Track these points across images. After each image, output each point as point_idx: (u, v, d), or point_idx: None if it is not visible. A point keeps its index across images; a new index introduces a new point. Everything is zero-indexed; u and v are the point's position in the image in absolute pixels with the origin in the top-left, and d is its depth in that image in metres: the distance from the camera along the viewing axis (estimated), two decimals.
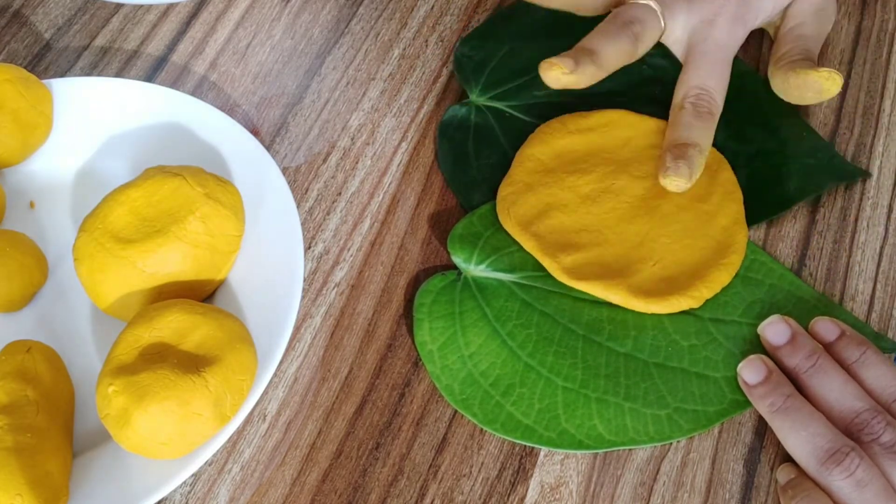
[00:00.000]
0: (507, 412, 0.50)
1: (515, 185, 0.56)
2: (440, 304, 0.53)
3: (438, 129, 0.60)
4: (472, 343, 0.52)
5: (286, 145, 0.61)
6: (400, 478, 0.50)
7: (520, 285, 0.54)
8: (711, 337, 0.52)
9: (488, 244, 0.55)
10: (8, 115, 0.57)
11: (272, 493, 0.50)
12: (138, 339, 0.48)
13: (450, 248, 0.55)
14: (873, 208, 0.56)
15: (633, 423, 0.50)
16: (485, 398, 0.51)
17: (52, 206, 0.59)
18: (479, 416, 0.50)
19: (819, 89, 0.56)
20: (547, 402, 0.51)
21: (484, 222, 0.56)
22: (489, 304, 0.53)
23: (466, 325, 0.53)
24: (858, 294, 0.54)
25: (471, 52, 0.63)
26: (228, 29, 0.66)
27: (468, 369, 0.52)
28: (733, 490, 0.49)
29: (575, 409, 0.50)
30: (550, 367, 0.51)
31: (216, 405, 0.47)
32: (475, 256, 0.55)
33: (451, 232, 0.55)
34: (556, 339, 0.52)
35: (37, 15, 0.68)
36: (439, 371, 0.52)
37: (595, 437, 0.50)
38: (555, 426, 0.50)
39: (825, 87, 0.56)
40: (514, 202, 0.55)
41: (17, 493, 0.45)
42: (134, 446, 0.47)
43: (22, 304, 0.55)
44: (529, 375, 0.51)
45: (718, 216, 0.55)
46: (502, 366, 0.52)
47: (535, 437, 0.50)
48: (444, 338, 0.52)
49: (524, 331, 0.53)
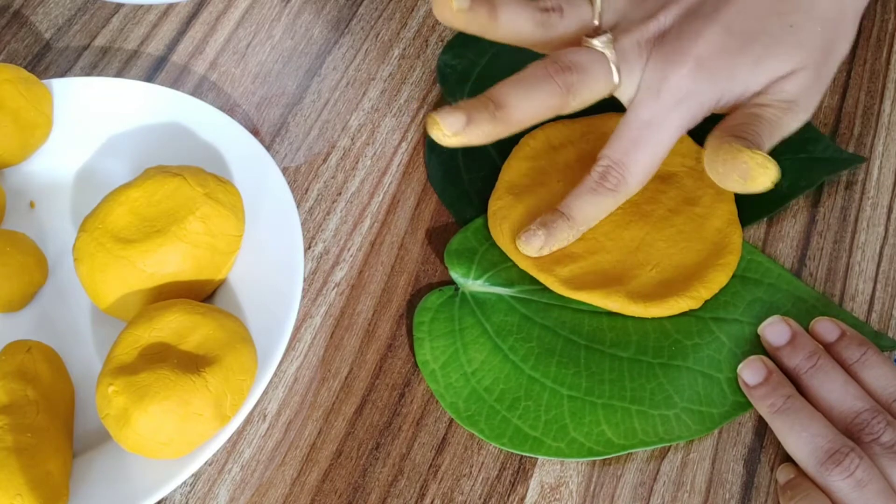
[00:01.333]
0: (515, 426, 0.50)
1: (504, 198, 0.56)
2: (440, 322, 0.53)
3: (427, 144, 0.60)
4: (475, 360, 0.52)
5: (286, 145, 0.61)
6: (400, 478, 0.50)
7: (518, 299, 0.54)
8: (714, 336, 0.52)
9: (485, 259, 0.55)
10: (8, 115, 0.57)
11: (272, 493, 0.50)
12: (138, 339, 0.48)
13: (447, 264, 0.55)
14: (873, 208, 0.56)
15: (642, 425, 0.50)
16: (490, 413, 0.51)
17: (53, 206, 0.59)
18: (486, 433, 0.50)
19: (746, 174, 0.46)
20: (553, 412, 0.50)
21: (478, 237, 0.56)
22: (489, 319, 0.53)
23: (467, 342, 0.53)
24: (858, 294, 0.54)
25: (453, 61, 0.62)
26: (228, 29, 0.66)
27: (472, 386, 0.51)
28: (733, 490, 0.49)
29: (582, 416, 0.50)
30: (554, 378, 0.51)
31: (216, 405, 0.47)
32: (473, 272, 0.54)
33: (447, 247, 0.55)
34: (558, 351, 0.52)
35: (37, 15, 0.68)
36: (443, 389, 0.51)
37: (605, 443, 0.49)
38: (563, 436, 0.50)
39: (753, 174, 0.46)
40: (506, 217, 0.55)
41: (17, 493, 0.45)
42: (134, 446, 0.47)
43: (22, 303, 0.55)
44: (534, 388, 0.51)
45: (711, 218, 0.54)
46: (506, 380, 0.52)
47: (545, 448, 0.50)
48: (445, 356, 0.52)
49: (525, 344, 0.52)
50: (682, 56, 0.49)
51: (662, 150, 0.51)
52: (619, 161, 0.51)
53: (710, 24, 0.50)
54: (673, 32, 0.50)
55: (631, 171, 0.51)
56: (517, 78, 0.50)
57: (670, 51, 0.50)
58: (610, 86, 0.51)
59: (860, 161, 0.57)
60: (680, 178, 0.56)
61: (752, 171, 0.46)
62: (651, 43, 0.50)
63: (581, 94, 0.50)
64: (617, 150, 0.51)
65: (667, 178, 0.56)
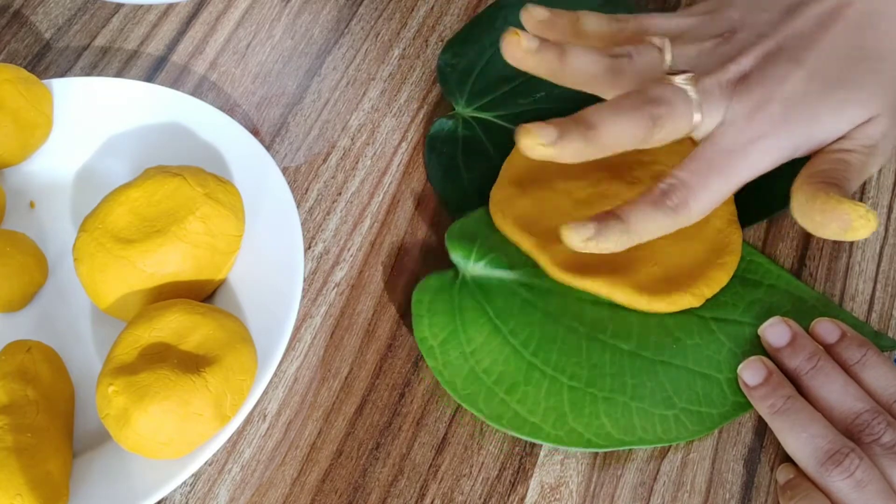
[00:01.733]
0: (513, 410, 0.50)
1: (507, 189, 0.56)
2: (439, 302, 0.53)
3: (426, 143, 0.60)
4: (474, 340, 0.52)
5: (286, 145, 0.61)
6: (400, 478, 0.50)
7: (520, 283, 0.54)
8: (714, 336, 0.52)
9: (486, 242, 0.55)
10: (8, 115, 0.57)
11: (272, 493, 0.50)
12: (138, 339, 0.48)
13: (448, 246, 0.54)
14: (873, 208, 0.56)
15: (642, 422, 0.50)
16: (489, 395, 0.51)
17: (53, 206, 0.59)
18: (484, 412, 0.50)
19: (847, 225, 0.46)
20: (553, 400, 0.50)
21: (480, 223, 0.56)
22: (490, 302, 0.53)
23: (467, 322, 0.53)
24: (858, 294, 0.54)
25: (453, 60, 0.63)
26: (228, 29, 0.66)
27: (470, 366, 0.51)
28: (733, 490, 0.49)
29: (582, 407, 0.50)
30: (555, 366, 0.51)
31: (216, 405, 0.47)
32: (474, 254, 0.54)
33: (448, 230, 0.55)
34: (560, 338, 0.52)
35: (37, 15, 0.68)
36: (441, 367, 0.51)
37: (604, 436, 0.49)
38: (562, 424, 0.50)
39: (855, 226, 0.46)
40: (509, 205, 0.55)
41: (17, 493, 0.45)
42: (134, 446, 0.47)
43: (22, 303, 0.55)
44: (534, 374, 0.51)
45: (712, 218, 0.54)
46: (505, 363, 0.51)
47: (543, 434, 0.50)
48: (444, 333, 0.52)
49: (526, 329, 0.52)
50: (768, 98, 0.49)
51: (733, 183, 0.50)
52: (687, 182, 0.49)
53: (794, 68, 0.50)
54: (755, 75, 0.50)
55: (697, 195, 0.49)
56: (608, 104, 0.50)
57: (755, 93, 0.50)
58: (690, 124, 0.50)
59: None
60: None
61: (853, 222, 0.46)
62: (733, 84, 0.50)
63: (665, 129, 0.49)
64: (688, 171, 0.50)
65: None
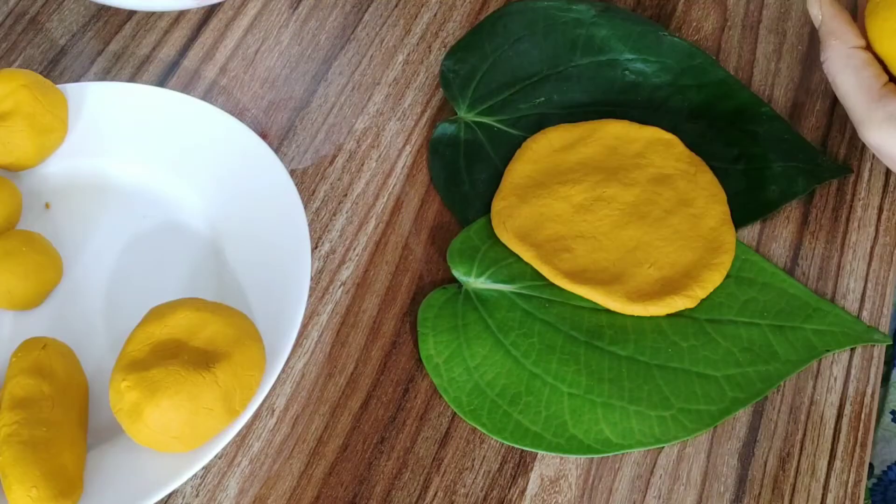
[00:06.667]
0: (515, 420, 0.51)
1: (508, 199, 0.57)
2: (443, 318, 0.54)
3: (429, 147, 0.60)
4: (477, 354, 0.53)
5: (294, 148, 0.62)
6: (404, 471, 0.51)
7: (520, 295, 0.54)
8: (709, 337, 0.53)
9: (487, 257, 0.55)
10: (25, 119, 0.57)
11: (280, 486, 0.51)
12: (150, 335, 0.48)
13: (450, 263, 0.55)
14: (864, 209, 0.57)
15: (640, 425, 0.50)
16: (492, 408, 0.51)
17: (67, 207, 0.59)
18: (487, 426, 0.51)
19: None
20: (553, 408, 0.51)
21: (480, 235, 0.56)
22: (491, 315, 0.54)
23: (470, 338, 0.53)
24: (850, 293, 0.54)
25: (456, 66, 0.63)
26: (238, 35, 0.67)
27: (474, 380, 0.52)
28: (728, 483, 0.50)
29: (581, 414, 0.51)
30: (555, 375, 0.52)
31: (226, 400, 0.47)
32: (475, 270, 0.55)
33: (450, 247, 0.56)
34: (559, 347, 0.53)
35: (52, 21, 0.68)
36: (446, 384, 0.52)
37: (603, 442, 0.50)
38: (562, 432, 0.50)
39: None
40: (510, 215, 0.56)
41: (32, 486, 0.45)
42: (146, 440, 0.47)
43: (38, 302, 0.55)
44: (535, 384, 0.52)
45: (705, 218, 0.55)
46: (507, 375, 0.52)
47: (545, 444, 0.50)
48: (448, 351, 0.53)
49: (527, 340, 0.53)
50: None
51: None
52: None
53: None
54: None
55: None
56: None
57: None
58: None
59: (848, 172, 0.58)
60: (674, 180, 0.57)
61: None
62: None
63: None
64: None
65: (662, 180, 0.57)
